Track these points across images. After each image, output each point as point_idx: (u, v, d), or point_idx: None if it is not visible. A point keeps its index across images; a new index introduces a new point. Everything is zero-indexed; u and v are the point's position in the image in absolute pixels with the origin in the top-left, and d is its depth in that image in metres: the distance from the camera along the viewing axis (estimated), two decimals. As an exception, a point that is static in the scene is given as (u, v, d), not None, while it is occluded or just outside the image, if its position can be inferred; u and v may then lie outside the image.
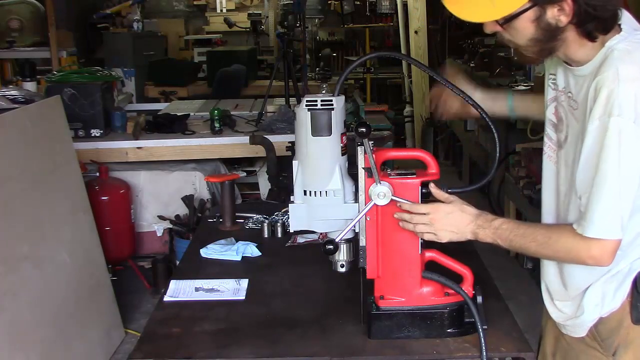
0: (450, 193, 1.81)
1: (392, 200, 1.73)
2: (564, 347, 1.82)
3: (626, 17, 1.60)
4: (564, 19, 1.52)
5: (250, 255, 2.40)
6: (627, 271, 1.65)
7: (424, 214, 1.71)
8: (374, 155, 1.72)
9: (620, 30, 1.57)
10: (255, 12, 8.84)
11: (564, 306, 1.77)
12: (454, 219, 1.71)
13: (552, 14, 1.52)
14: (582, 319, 1.71)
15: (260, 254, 2.41)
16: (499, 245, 1.69)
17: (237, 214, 2.73)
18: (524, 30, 1.55)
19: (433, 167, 1.82)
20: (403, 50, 7.90)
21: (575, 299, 1.73)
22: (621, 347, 1.69)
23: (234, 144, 4.51)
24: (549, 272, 1.79)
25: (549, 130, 1.78)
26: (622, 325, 1.67)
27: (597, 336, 1.72)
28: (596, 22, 1.52)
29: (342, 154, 1.84)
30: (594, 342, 1.73)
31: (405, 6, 7.88)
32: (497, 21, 1.55)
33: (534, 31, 1.54)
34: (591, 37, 1.55)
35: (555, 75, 1.74)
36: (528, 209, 4.24)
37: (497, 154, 1.88)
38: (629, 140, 1.47)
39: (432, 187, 1.74)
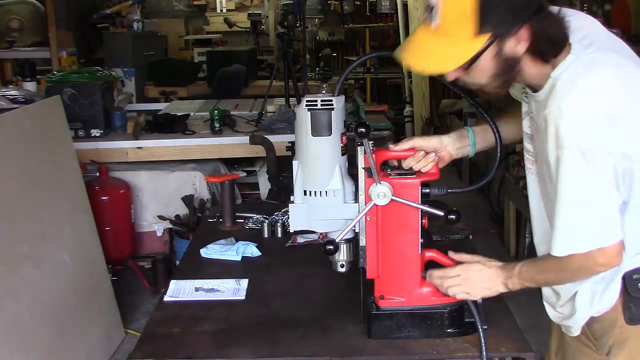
0: (450, 193, 1.82)
1: (392, 200, 1.73)
2: (564, 346, 1.84)
3: (581, 25, 1.60)
4: (520, 49, 1.53)
5: (250, 255, 2.40)
6: (615, 272, 1.65)
7: (456, 276, 1.77)
8: (374, 155, 1.72)
9: (569, 49, 1.56)
10: (255, 12, 8.85)
11: (560, 307, 1.78)
12: (485, 276, 1.76)
13: (510, 45, 1.52)
14: (574, 318, 1.73)
15: (260, 254, 2.41)
16: (530, 288, 1.74)
17: (237, 214, 2.73)
18: (486, 69, 1.55)
19: (433, 167, 1.82)
20: (403, 50, 7.89)
21: (570, 301, 1.73)
22: (615, 346, 1.69)
23: (234, 144, 4.52)
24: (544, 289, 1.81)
25: (525, 143, 1.80)
26: (616, 325, 1.68)
27: (591, 335, 1.73)
28: (551, 45, 1.54)
29: (342, 154, 1.84)
30: (588, 341, 1.75)
31: (405, 6, 7.88)
32: (460, 67, 1.54)
33: (495, 66, 1.54)
34: (545, 59, 1.56)
35: (526, 93, 1.75)
36: (528, 209, 4.24)
37: (498, 154, 1.88)
38: (577, 170, 1.49)
39: (452, 254, 1.82)
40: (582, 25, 1.60)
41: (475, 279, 1.76)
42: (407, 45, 1.59)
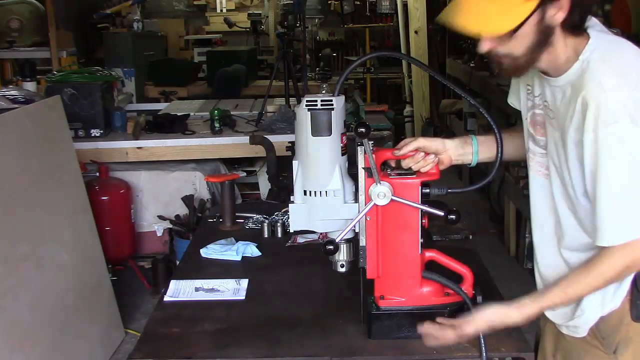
0: (450, 193, 1.82)
1: (392, 200, 1.73)
2: (565, 346, 1.82)
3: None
4: (558, 18, 1.53)
5: (250, 255, 2.40)
6: None
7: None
8: (374, 155, 1.72)
9: (587, 35, 1.58)
10: (255, 12, 8.84)
11: (565, 308, 1.77)
12: (486, 322, 1.68)
13: (551, 12, 1.53)
14: (584, 319, 1.71)
15: (260, 254, 2.41)
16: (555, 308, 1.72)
17: (237, 214, 2.73)
18: (526, 37, 1.54)
19: (433, 168, 1.82)
20: (403, 50, 7.90)
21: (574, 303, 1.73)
22: (622, 344, 1.69)
23: (234, 144, 4.52)
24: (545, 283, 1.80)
25: (530, 144, 1.80)
26: (623, 322, 1.68)
27: (598, 334, 1.72)
28: (582, 17, 1.56)
29: (342, 154, 1.84)
30: (595, 341, 1.73)
31: (405, 6, 7.89)
32: (507, 32, 1.53)
33: (534, 36, 1.54)
34: (576, 33, 1.57)
35: (532, 85, 1.75)
36: (528, 209, 4.24)
37: (499, 154, 1.88)
38: (632, 141, 1.48)
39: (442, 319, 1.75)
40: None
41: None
42: (456, 6, 1.55)
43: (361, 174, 1.75)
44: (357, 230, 1.80)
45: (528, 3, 1.50)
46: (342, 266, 1.87)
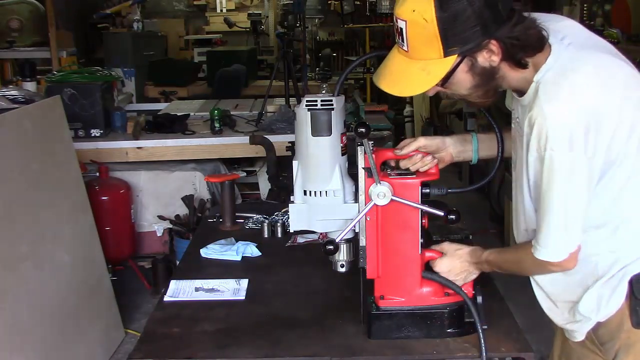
0: (450, 193, 1.82)
1: (392, 200, 1.73)
2: (568, 350, 1.84)
3: (560, 27, 1.63)
4: (495, 59, 1.55)
5: (250, 255, 2.40)
6: (622, 276, 1.66)
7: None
8: (374, 155, 1.72)
9: (550, 49, 1.58)
10: (255, 12, 8.85)
11: (559, 311, 1.78)
12: (456, 269, 1.81)
13: (483, 58, 1.54)
14: (580, 324, 1.72)
15: (260, 254, 2.41)
16: (499, 273, 1.81)
17: (237, 214, 2.73)
18: (463, 82, 1.58)
19: (432, 168, 1.82)
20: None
21: (571, 308, 1.73)
22: (622, 351, 1.69)
23: (234, 144, 4.52)
24: (537, 291, 1.82)
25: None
26: (622, 329, 1.67)
27: (597, 341, 1.72)
28: (525, 51, 1.55)
29: (342, 154, 1.84)
30: (593, 347, 1.74)
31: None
32: (431, 87, 1.58)
33: (472, 79, 1.57)
34: (522, 65, 1.57)
35: (511, 100, 1.78)
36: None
37: (499, 154, 1.88)
38: (566, 168, 1.51)
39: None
40: (560, 27, 1.62)
41: (449, 273, 1.80)
42: (383, 70, 1.63)
43: (361, 174, 1.75)
44: (357, 230, 1.80)
45: (446, 60, 1.52)
46: (342, 266, 1.87)
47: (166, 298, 2.09)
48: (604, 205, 1.61)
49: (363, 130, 1.64)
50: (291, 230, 2.09)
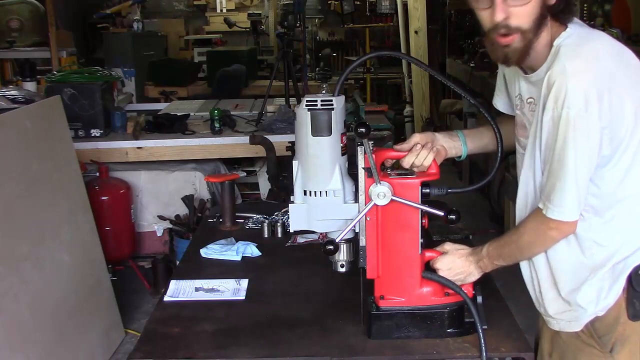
0: (450, 193, 1.82)
1: (392, 200, 1.73)
2: (561, 345, 1.82)
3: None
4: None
5: (250, 255, 2.40)
6: (622, 267, 1.67)
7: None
8: (374, 155, 1.72)
9: (566, 27, 1.64)
10: (255, 12, 8.85)
11: (555, 303, 1.77)
12: (457, 267, 1.81)
13: None
14: (579, 313, 1.72)
15: (260, 254, 2.41)
16: (501, 266, 1.80)
17: (237, 214, 2.73)
18: (533, 11, 1.60)
19: (433, 167, 1.82)
20: (403, 50, 7.89)
21: (568, 297, 1.73)
22: (618, 343, 1.70)
23: (234, 144, 4.52)
24: (541, 276, 1.81)
25: (517, 146, 1.85)
26: (619, 321, 1.69)
27: (594, 333, 1.73)
28: (568, 4, 1.62)
29: (342, 154, 1.84)
30: (590, 340, 1.74)
31: (405, 6, 7.88)
32: None
33: (538, 11, 1.60)
34: (561, 16, 1.63)
35: (515, 87, 1.81)
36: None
37: (499, 154, 1.88)
38: (580, 129, 1.54)
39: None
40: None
41: (449, 272, 1.80)
42: None
43: (361, 174, 1.75)
44: (357, 230, 1.80)
45: None
46: (342, 266, 1.87)
47: (166, 298, 2.09)
48: (609, 188, 1.64)
49: (363, 130, 1.64)
50: (291, 230, 2.09)
